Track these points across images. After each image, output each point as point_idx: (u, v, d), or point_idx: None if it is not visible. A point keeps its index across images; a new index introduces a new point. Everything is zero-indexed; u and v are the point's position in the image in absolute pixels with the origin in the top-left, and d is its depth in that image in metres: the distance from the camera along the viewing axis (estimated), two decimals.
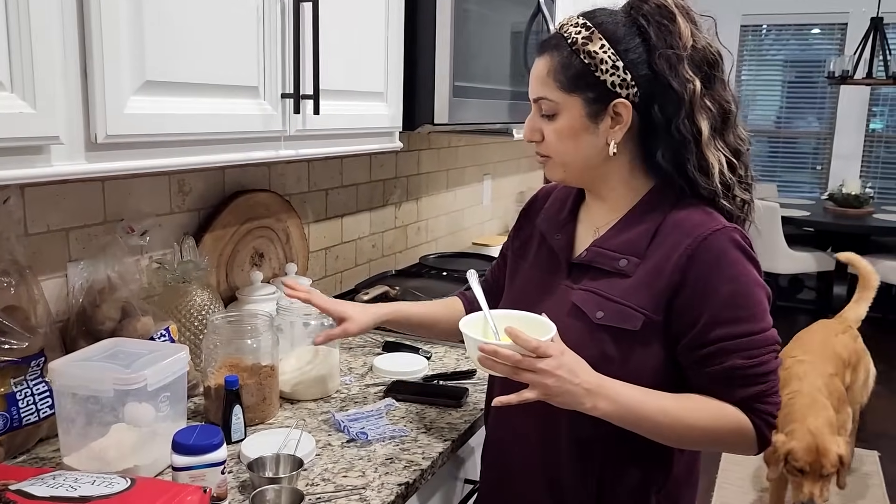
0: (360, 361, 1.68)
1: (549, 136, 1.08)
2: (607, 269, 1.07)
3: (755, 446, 1.04)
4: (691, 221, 1.04)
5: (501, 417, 1.17)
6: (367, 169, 2.24)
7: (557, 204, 1.23)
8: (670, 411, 1.01)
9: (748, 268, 1.02)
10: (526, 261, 1.23)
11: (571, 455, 1.08)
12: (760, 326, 1.01)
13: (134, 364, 1.11)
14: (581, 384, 0.96)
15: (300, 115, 1.33)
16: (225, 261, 1.67)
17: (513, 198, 3.44)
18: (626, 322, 1.03)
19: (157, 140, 1.07)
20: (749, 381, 1.01)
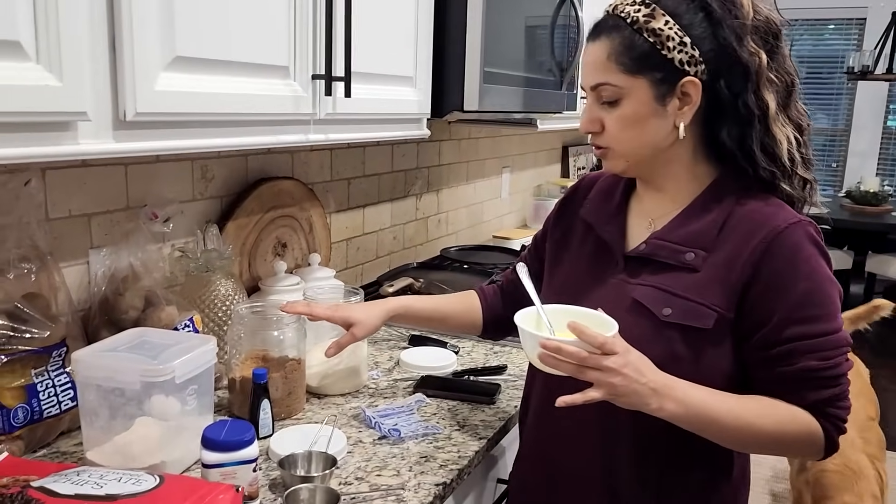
0: (387, 355, 1.63)
1: (611, 125, 1.01)
2: (671, 262, 1.01)
3: (822, 451, 0.98)
4: (763, 213, 0.98)
5: (548, 418, 1.10)
6: (389, 158, 2.18)
7: (603, 194, 1.16)
8: (739, 414, 0.95)
9: (823, 264, 0.96)
10: (569, 252, 1.17)
11: (631, 459, 1.02)
12: (834, 326, 0.95)
13: (161, 355, 1.06)
14: (648, 383, 0.90)
15: (331, 97, 1.27)
16: (248, 250, 1.62)
17: (530, 191, 3.39)
18: (698, 320, 0.97)
19: (187, 120, 1.02)
20: (822, 384, 0.95)
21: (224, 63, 1.07)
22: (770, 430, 0.95)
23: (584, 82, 1.04)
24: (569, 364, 0.89)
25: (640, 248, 1.05)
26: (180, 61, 0.99)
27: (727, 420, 0.94)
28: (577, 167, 3.83)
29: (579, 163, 3.86)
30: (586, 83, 1.03)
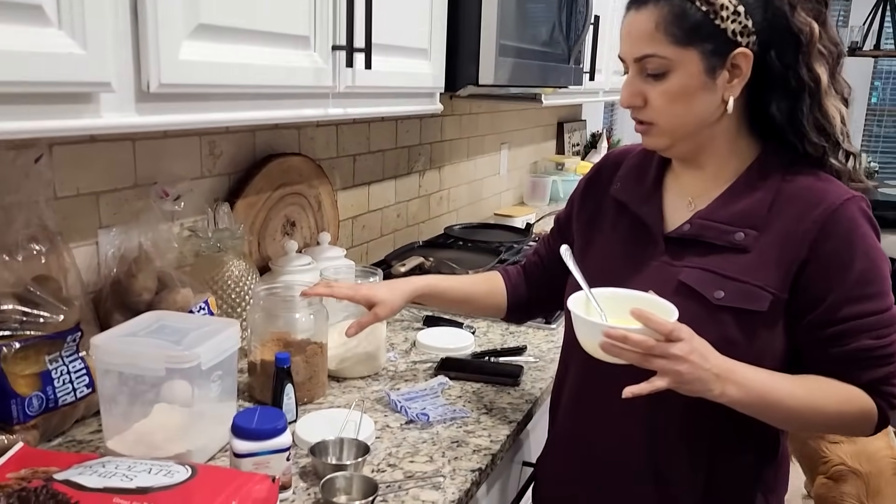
0: (401, 337, 1.59)
1: (656, 100, 0.96)
2: (720, 243, 0.97)
3: (874, 428, 0.97)
4: (815, 190, 0.94)
5: (588, 403, 1.07)
6: (394, 135, 2.13)
7: (636, 171, 1.11)
8: (799, 395, 0.92)
9: (876, 241, 0.93)
10: (602, 233, 1.12)
11: (680, 442, 0.99)
12: (888, 303, 0.93)
13: (184, 341, 1.01)
14: (711, 369, 0.87)
15: (350, 69, 1.22)
16: (257, 229, 1.57)
17: (527, 168, 3.35)
18: (753, 303, 0.93)
19: (210, 92, 0.97)
20: (876, 363, 0.93)
21: (246, 32, 1.01)
22: (830, 411, 0.93)
23: (625, 53, 0.98)
24: (634, 353, 0.86)
25: (684, 229, 1.00)
26: (203, 29, 0.93)
27: (787, 402, 0.92)
28: (572, 144, 3.79)
29: (574, 139, 3.82)
30: (628, 54, 0.97)
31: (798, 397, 0.92)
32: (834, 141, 0.96)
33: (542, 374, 1.42)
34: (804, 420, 0.94)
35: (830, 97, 0.95)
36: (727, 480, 1.01)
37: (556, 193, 3.24)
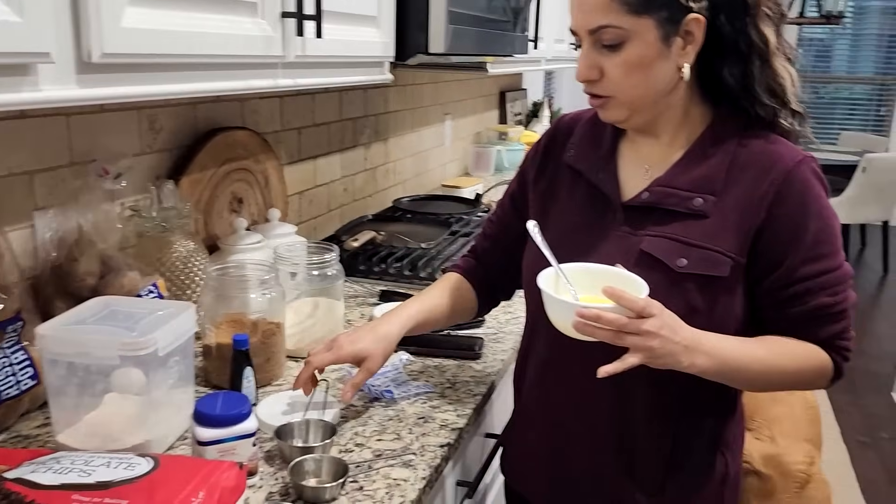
0: (358, 313, 1.56)
1: (612, 72, 0.93)
2: (679, 210, 0.96)
3: (830, 381, 1.00)
4: (769, 153, 0.95)
5: (555, 379, 1.06)
6: (338, 107, 2.07)
7: (590, 139, 1.09)
8: (763, 358, 0.94)
9: (827, 200, 0.96)
10: (557, 203, 1.10)
11: (647, 410, 1.00)
12: (840, 260, 0.96)
13: (139, 326, 0.96)
14: (681, 342, 0.87)
15: (301, 38, 1.17)
16: (203, 207, 1.50)
17: (470, 139, 3.33)
18: (714, 268, 0.94)
19: (156, 62, 0.91)
20: (833, 319, 0.96)
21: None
22: (789, 370, 0.96)
23: (577, 25, 0.95)
24: (606, 331, 0.85)
25: (643, 197, 0.99)
26: None
27: (752, 366, 0.93)
28: (514, 113, 3.79)
29: (516, 109, 3.82)
30: (581, 26, 0.94)
31: (761, 360, 0.94)
32: (783, 102, 0.97)
33: (502, 345, 1.42)
34: (768, 381, 0.97)
35: (779, 58, 0.96)
36: (691, 443, 1.02)
37: (501, 163, 3.24)
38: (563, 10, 2.85)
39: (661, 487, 1.03)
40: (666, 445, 1.01)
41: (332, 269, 1.35)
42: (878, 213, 5.10)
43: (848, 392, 3.44)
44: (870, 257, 5.71)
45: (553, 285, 0.93)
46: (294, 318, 1.34)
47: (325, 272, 1.34)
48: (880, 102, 6.85)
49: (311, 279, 1.35)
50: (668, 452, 1.01)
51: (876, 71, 6.83)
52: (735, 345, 0.93)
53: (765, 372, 0.94)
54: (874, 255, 5.63)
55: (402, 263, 1.77)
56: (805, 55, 6.93)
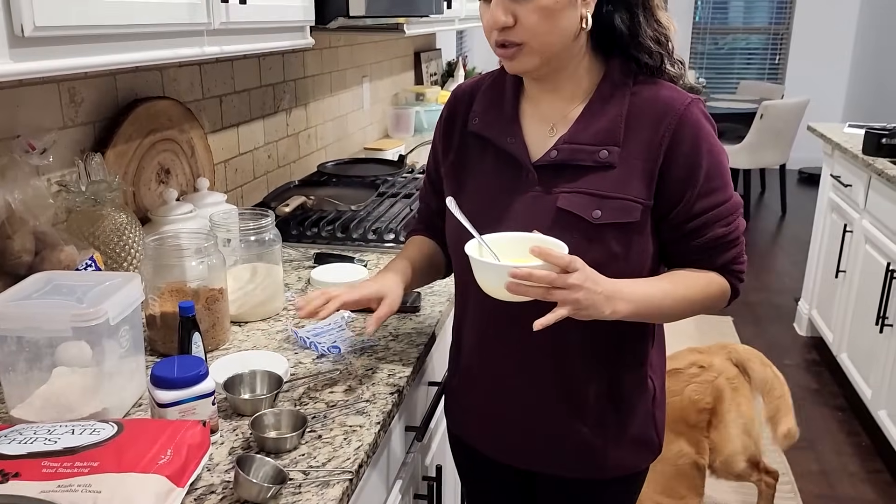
0: (294, 276, 1.59)
1: (526, 18, 0.97)
2: (588, 163, 1.02)
3: (728, 302, 1.11)
4: (661, 99, 1.02)
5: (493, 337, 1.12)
6: (257, 73, 2.06)
7: (491, 104, 1.12)
8: (672, 293, 1.03)
9: (716, 137, 1.04)
10: (470, 172, 1.13)
11: (584, 351, 1.08)
12: (730, 193, 1.05)
13: (87, 298, 0.97)
14: (603, 292, 0.95)
15: (226, 5, 1.17)
16: (131, 179, 1.49)
17: (388, 101, 3.34)
18: (627, 215, 1.01)
19: (88, 34, 0.91)
20: (728, 247, 1.06)
21: None
22: (699, 299, 1.06)
23: None
24: (537, 288, 0.91)
25: (552, 156, 1.04)
26: None
27: (667, 302, 1.03)
28: (430, 73, 3.81)
29: (431, 69, 3.84)
30: None
31: (672, 295, 1.03)
32: (668, 50, 1.05)
33: (439, 297, 1.48)
34: (679, 312, 1.06)
35: (660, 8, 1.04)
36: (623, 372, 1.11)
37: (420, 124, 3.27)
38: None
39: (602, 417, 1.12)
40: (604, 378, 1.10)
41: (269, 234, 1.37)
42: (776, 157, 5.40)
43: (753, 324, 3.70)
44: (769, 199, 6.06)
45: (478, 254, 0.98)
46: (234, 284, 1.36)
47: (263, 237, 1.37)
48: (775, 51, 7.20)
49: (248, 245, 1.37)
50: (606, 384, 1.10)
51: (769, 21, 7.16)
52: (647, 286, 1.02)
53: (676, 304, 1.04)
54: (773, 197, 5.99)
55: (333, 226, 1.80)
56: (703, 7, 7.19)
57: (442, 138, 1.19)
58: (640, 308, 1.00)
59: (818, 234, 3.42)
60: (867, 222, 2.81)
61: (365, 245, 1.77)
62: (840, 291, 3.05)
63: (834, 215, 3.21)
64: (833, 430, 2.80)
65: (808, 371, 3.23)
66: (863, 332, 2.77)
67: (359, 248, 1.76)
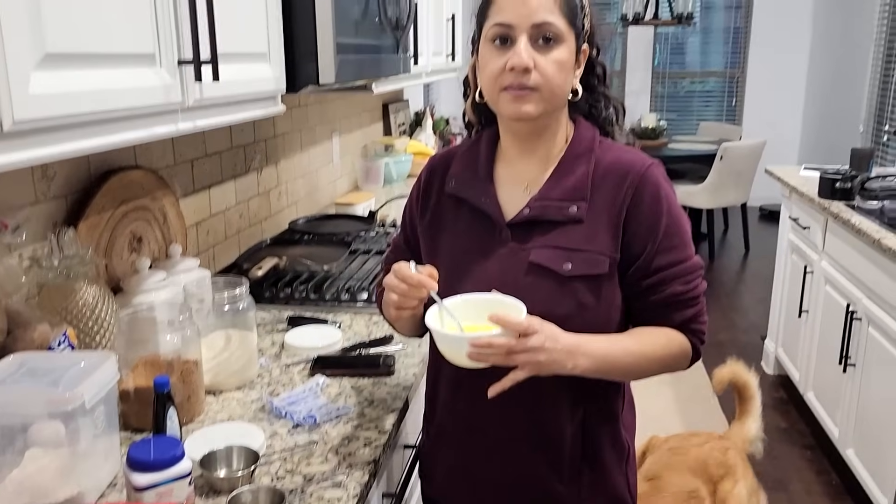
0: (268, 340, 1.60)
1: (546, 66, 1.04)
2: (558, 219, 1.08)
3: (689, 362, 1.15)
4: (623, 160, 1.10)
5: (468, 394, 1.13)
6: (228, 135, 2.09)
7: (467, 168, 1.18)
8: (631, 349, 1.07)
9: (675, 198, 1.11)
10: (445, 231, 1.18)
11: (557, 404, 1.11)
12: (690, 252, 1.11)
13: (62, 381, 0.97)
14: (563, 349, 0.98)
15: (199, 83, 1.20)
16: (103, 250, 1.49)
17: (358, 153, 3.38)
18: (596, 267, 1.06)
19: (66, 123, 0.93)
20: (686, 305, 1.10)
21: (93, 56, 0.98)
22: (659, 356, 1.09)
23: (520, 19, 1.03)
24: (497, 355, 0.94)
25: (525, 213, 1.10)
26: (51, 59, 0.89)
27: (627, 359, 1.06)
28: (398, 124, 3.87)
29: (399, 119, 3.90)
30: (526, 19, 1.03)
31: (632, 351, 1.07)
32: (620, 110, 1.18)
33: (413, 359, 1.50)
34: (640, 369, 1.09)
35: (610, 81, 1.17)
36: (598, 428, 1.14)
37: (390, 175, 3.31)
38: (439, 25, 2.96)
39: (577, 473, 1.14)
40: (577, 434, 1.13)
41: (243, 303, 1.39)
42: (737, 197, 5.55)
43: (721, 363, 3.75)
44: (732, 238, 6.20)
45: (439, 320, 1.01)
46: (208, 352, 1.37)
47: (237, 306, 1.38)
48: (731, 94, 7.44)
49: (222, 314, 1.38)
50: (581, 440, 1.13)
51: (724, 65, 7.41)
52: (608, 342, 1.06)
53: (636, 361, 1.07)
54: (736, 235, 6.12)
55: (306, 287, 1.82)
56: (661, 52, 7.42)
57: (419, 202, 1.23)
58: (601, 363, 1.04)
59: (780, 275, 3.51)
60: (826, 263, 2.90)
61: (338, 305, 1.78)
62: (804, 331, 3.13)
63: (794, 256, 3.31)
64: (803, 468, 2.85)
65: (776, 410, 3.28)
66: (827, 372, 2.84)
67: (332, 308, 1.77)
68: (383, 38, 2.00)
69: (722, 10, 7.34)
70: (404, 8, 2.14)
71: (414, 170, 3.49)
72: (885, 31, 5.30)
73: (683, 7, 5.88)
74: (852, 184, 2.84)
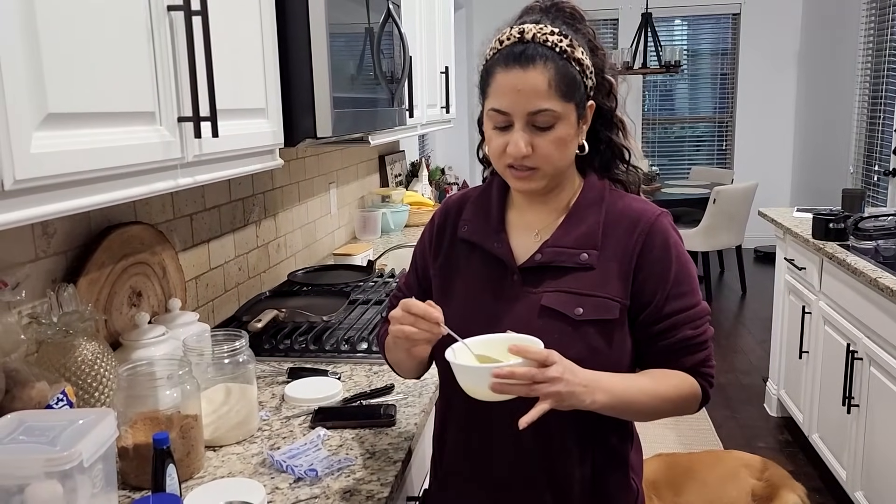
0: (268, 393, 1.59)
1: (545, 148, 1.06)
2: (569, 265, 1.10)
3: (699, 405, 1.16)
4: (633, 209, 1.13)
5: (479, 431, 1.15)
6: (227, 189, 2.11)
7: (480, 213, 1.21)
8: (646, 388, 1.08)
9: (683, 246, 1.14)
10: (458, 274, 1.20)
11: (569, 445, 1.12)
12: (698, 298, 1.13)
13: (60, 440, 0.96)
14: (581, 382, 0.99)
15: (199, 139, 1.22)
16: (102, 305, 1.49)
17: (355, 204, 3.41)
18: (607, 312, 1.08)
19: (66, 181, 0.94)
20: (696, 349, 1.12)
21: (93, 115, 0.99)
22: (672, 397, 1.10)
23: (515, 108, 1.05)
24: (520, 386, 0.95)
25: (537, 258, 1.13)
26: (52, 119, 0.91)
27: (642, 398, 1.07)
28: (395, 174, 3.91)
29: (396, 170, 3.94)
30: (521, 109, 1.05)
31: (646, 390, 1.08)
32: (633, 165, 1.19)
33: (414, 409, 1.49)
34: (653, 409, 1.10)
35: (629, 133, 1.17)
36: (608, 469, 1.15)
37: (387, 225, 3.33)
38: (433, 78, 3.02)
39: None
40: (588, 474, 1.13)
41: (242, 356, 1.38)
42: (731, 239, 5.58)
43: (724, 407, 3.73)
44: (729, 279, 6.21)
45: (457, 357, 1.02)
46: (208, 406, 1.36)
47: (237, 359, 1.37)
48: (721, 138, 7.55)
49: (222, 367, 1.38)
50: (591, 484, 1.13)
51: (713, 110, 7.54)
52: (624, 380, 1.07)
53: (650, 400, 1.08)
54: (732, 277, 6.14)
55: (306, 338, 1.81)
56: (650, 98, 7.56)
57: (433, 243, 1.26)
58: (617, 400, 1.04)
59: (778, 316, 3.51)
60: (824, 304, 2.90)
61: (338, 356, 1.77)
62: (805, 372, 3.11)
63: (792, 297, 3.31)
64: None
65: (782, 453, 3.25)
66: (831, 413, 2.82)
67: (332, 359, 1.76)
68: (379, 92, 2.04)
69: (709, 56, 7.50)
70: (398, 62, 2.19)
71: (412, 220, 3.52)
72: (869, 73, 5.41)
73: (671, 56, 6.00)
74: (846, 224, 2.86)
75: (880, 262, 2.52)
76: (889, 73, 4.99)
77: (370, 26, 1.99)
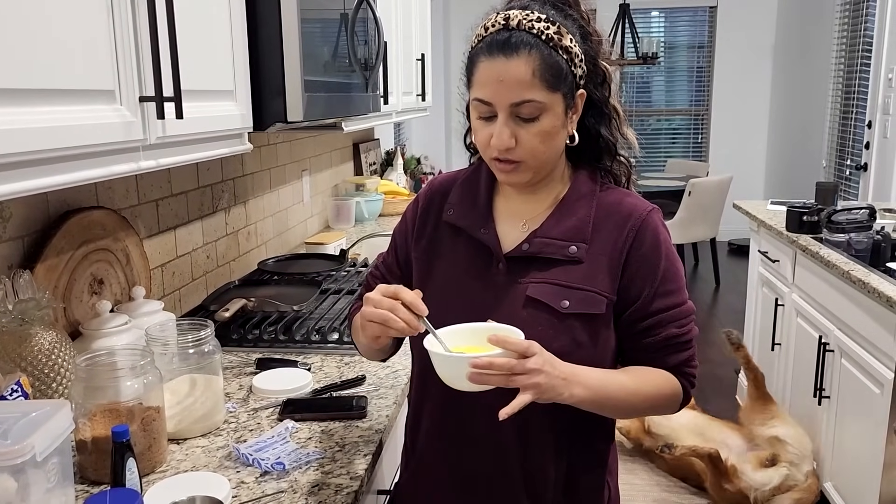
0: (236, 384, 1.54)
1: (528, 141, 1.02)
2: (557, 257, 1.08)
3: (680, 405, 1.14)
4: (624, 205, 1.10)
5: (454, 423, 1.12)
6: (195, 174, 2.05)
7: (466, 198, 1.18)
8: (626, 385, 1.06)
9: (672, 244, 1.11)
10: (441, 258, 1.17)
11: (545, 441, 1.09)
12: (685, 297, 1.11)
13: (11, 433, 0.91)
14: (560, 375, 0.96)
15: (162, 120, 1.17)
16: (61, 293, 1.44)
17: (329, 192, 3.36)
18: (593, 307, 1.06)
19: (19, 160, 0.89)
20: (680, 348, 1.09)
21: (47, 92, 0.94)
22: (652, 395, 1.08)
23: (497, 98, 1.02)
24: (499, 376, 0.92)
25: (523, 248, 1.10)
26: (2, 94, 0.86)
27: (621, 394, 1.05)
28: (369, 163, 3.86)
29: (370, 159, 3.89)
30: (504, 100, 1.01)
31: (626, 387, 1.06)
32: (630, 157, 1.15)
33: (386, 401, 1.46)
34: (632, 406, 1.08)
35: (626, 124, 1.12)
36: (583, 468, 1.13)
37: (361, 214, 3.29)
38: (409, 65, 2.98)
39: None
40: (562, 471, 1.11)
41: (208, 346, 1.34)
42: (706, 232, 5.62)
43: (697, 399, 3.74)
44: (703, 272, 6.25)
45: (435, 343, 1.00)
46: (172, 398, 1.31)
47: (202, 349, 1.33)
48: (697, 131, 7.58)
49: (186, 357, 1.33)
50: (564, 478, 1.11)
51: (689, 103, 7.57)
52: (604, 375, 1.05)
53: (629, 397, 1.06)
54: (707, 269, 6.18)
55: (275, 328, 1.77)
56: (627, 91, 7.57)
57: (416, 225, 1.22)
58: (596, 395, 1.02)
59: (752, 308, 3.52)
60: (797, 296, 2.92)
61: (308, 346, 1.73)
62: (777, 364, 3.13)
63: (765, 289, 3.33)
64: None
65: None
66: (803, 404, 2.84)
67: (302, 349, 1.72)
68: (353, 77, 2.00)
69: (685, 49, 7.52)
70: (373, 47, 2.15)
71: (386, 209, 3.47)
72: (843, 69, 5.46)
73: (648, 47, 6.01)
74: (819, 217, 2.88)
75: (852, 255, 2.53)
76: (862, 69, 5.04)
77: (345, 11, 1.94)
